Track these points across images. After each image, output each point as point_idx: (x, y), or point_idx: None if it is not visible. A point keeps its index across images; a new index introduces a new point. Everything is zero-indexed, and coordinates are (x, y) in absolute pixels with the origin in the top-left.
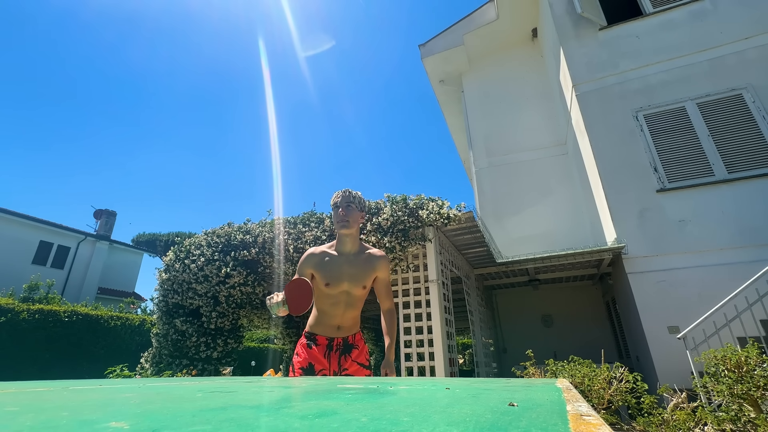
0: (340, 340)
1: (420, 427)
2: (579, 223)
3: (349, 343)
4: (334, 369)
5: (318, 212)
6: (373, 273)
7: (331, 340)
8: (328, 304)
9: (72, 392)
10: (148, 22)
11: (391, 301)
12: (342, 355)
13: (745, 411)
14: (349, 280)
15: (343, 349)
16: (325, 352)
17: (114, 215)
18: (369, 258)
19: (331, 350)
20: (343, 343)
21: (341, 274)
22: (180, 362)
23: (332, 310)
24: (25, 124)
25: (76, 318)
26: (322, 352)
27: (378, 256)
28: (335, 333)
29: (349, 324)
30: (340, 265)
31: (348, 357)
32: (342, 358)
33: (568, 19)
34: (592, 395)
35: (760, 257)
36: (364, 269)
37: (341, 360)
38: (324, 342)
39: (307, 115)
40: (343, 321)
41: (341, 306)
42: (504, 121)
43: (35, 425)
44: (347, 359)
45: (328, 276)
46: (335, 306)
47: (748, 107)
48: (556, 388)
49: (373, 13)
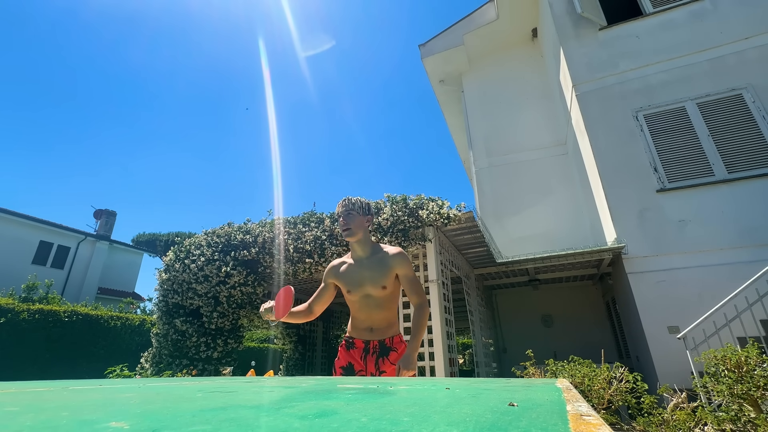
0: (377, 343)
1: (420, 427)
2: (579, 223)
3: (387, 345)
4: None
5: (318, 212)
6: (390, 271)
7: (367, 343)
8: (356, 309)
9: (72, 392)
10: (148, 21)
11: (420, 295)
12: (380, 357)
13: (745, 411)
14: (367, 283)
15: (380, 352)
16: (362, 354)
17: (114, 215)
18: (383, 257)
19: (368, 353)
20: (380, 345)
21: (359, 278)
22: (180, 362)
23: (360, 314)
24: (25, 125)
25: (76, 318)
26: (359, 354)
27: (392, 254)
28: (370, 336)
29: (383, 326)
30: (356, 271)
31: (386, 359)
32: (380, 361)
33: (568, 19)
34: (592, 395)
35: (760, 257)
36: (380, 269)
37: (378, 362)
38: (361, 345)
39: (306, 115)
40: (373, 323)
41: (367, 309)
42: (504, 121)
43: (35, 425)
44: (385, 362)
45: (347, 283)
46: (361, 310)
47: (748, 107)
48: (556, 388)
49: (373, 13)
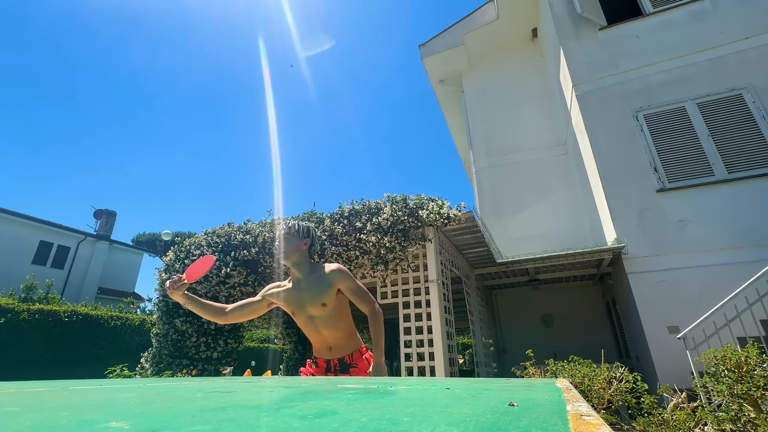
0: (336, 362)
1: (420, 427)
2: (579, 223)
3: (346, 362)
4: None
5: (318, 212)
6: (329, 288)
7: (328, 362)
8: (307, 331)
9: (72, 392)
10: (148, 21)
11: (370, 303)
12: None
13: (745, 411)
14: (307, 303)
15: (340, 369)
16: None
17: (114, 215)
18: (321, 275)
19: (329, 371)
20: (340, 363)
21: (299, 300)
22: (180, 362)
23: (312, 336)
24: (25, 125)
25: (76, 318)
26: (320, 373)
27: (329, 270)
28: (329, 355)
29: (341, 343)
30: (296, 292)
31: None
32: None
33: (568, 19)
34: (592, 395)
35: (760, 257)
36: (318, 288)
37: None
38: (323, 365)
39: (306, 115)
40: (328, 342)
41: (315, 330)
42: (504, 121)
43: (35, 425)
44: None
45: (290, 304)
46: (311, 332)
47: (748, 107)
48: (556, 388)
49: (373, 13)
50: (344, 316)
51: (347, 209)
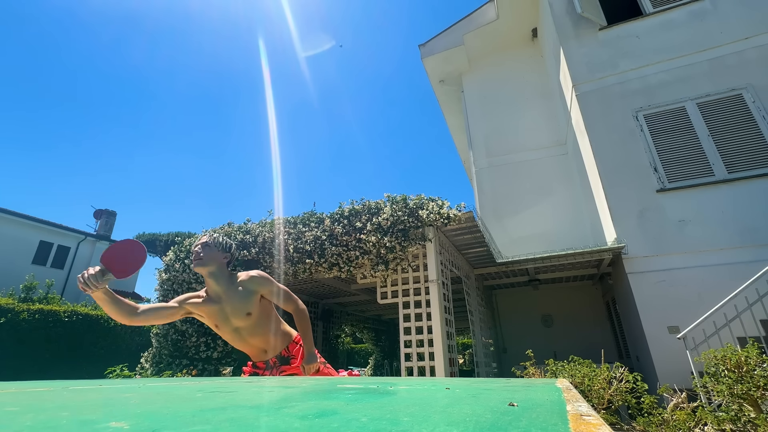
0: (275, 359)
1: (420, 427)
2: (579, 223)
3: (283, 356)
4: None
5: (318, 212)
6: (252, 296)
7: (266, 362)
8: (236, 343)
9: (72, 392)
10: (148, 21)
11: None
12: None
13: (745, 411)
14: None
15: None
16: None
17: (114, 215)
18: (241, 284)
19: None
20: (278, 359)
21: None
22: (180, 362)
23: (241, 347)
24: (26, 126)
25: (76, 318)
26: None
27: (246, 278)
28: (266, 356)
29: (272, 344)
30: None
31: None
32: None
33: (568, 19)
34: (592, 395)
35: (760, 257)
36: (240, 298)
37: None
38: (263, 365)
39: (306, 115)
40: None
41: (243, 341)
42: (504, 121)
43: (35, 425)
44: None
45: (214, 320)
46: (240, 343)
47: (748, 107)
48: (556, 388)
49: (373, 13)
50: (270, 318)
51: (347, 209)
